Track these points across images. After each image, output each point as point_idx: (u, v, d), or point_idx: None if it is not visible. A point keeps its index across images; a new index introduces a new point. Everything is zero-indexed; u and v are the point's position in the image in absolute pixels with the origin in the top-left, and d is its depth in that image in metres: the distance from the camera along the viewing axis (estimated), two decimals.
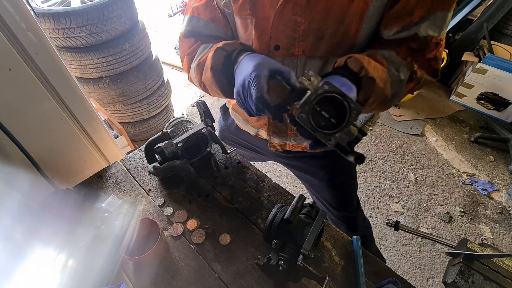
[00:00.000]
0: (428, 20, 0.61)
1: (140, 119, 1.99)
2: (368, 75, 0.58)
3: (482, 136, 2.34)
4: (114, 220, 0.72)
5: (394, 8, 0.62)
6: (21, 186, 0.77)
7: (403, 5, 0.60)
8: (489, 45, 2.43)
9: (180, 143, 0.80)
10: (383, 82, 0.61)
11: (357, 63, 0.59)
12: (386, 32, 0.66)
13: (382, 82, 0.61)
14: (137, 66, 1.78)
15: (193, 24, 0.76)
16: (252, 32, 0.70)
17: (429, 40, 0.63)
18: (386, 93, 0.63)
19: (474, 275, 0.68)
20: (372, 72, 0.59)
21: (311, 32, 0.65)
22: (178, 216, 0.78)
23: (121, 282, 0.63)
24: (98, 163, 1.09)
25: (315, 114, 0.50)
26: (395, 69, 0.63)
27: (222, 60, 0.65)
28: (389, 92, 0.63)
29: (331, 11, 0.61)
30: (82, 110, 0.96)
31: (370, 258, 0.70)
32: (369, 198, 2.01)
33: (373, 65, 0.60)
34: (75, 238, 0.70)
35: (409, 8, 0.61)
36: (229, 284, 0.66)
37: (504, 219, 1.89)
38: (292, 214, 0.61)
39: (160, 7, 4.17)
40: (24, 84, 0.80)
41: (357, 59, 0.59)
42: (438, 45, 0.64)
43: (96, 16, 1.46)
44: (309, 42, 0.67)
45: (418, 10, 0.61)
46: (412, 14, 0.61)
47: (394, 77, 0.63)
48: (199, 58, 0.72)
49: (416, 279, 1.62)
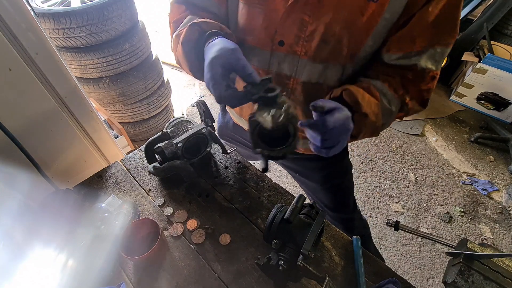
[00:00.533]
0: (428, 53, 0.63)
1: (140, 119, 1.98)
2: (361, 111, 0.60)
3: (482, 136, 2.34)
4: (114, 220, 0.72)
5: (398, 32, 0.62)
6: (21, 186, 0.77)
7: (408, 31, 0.61)
8: (489, 45, 2.43)
9: (180, 143, 0.80)
10: (375, 116, 0.63)
11: (352, 97, 0.61)
12: (387, 56, 0.66)
13: (374, 116, 0.63)
14: (137, 66, 1.78)
15: None
16: (260, 22, 0.68)
17: (427, 72, 0.64)
18: (377, 125, 0.66)
19: (474, 275, 0.68)
20: (366, 108, 0.61)
21: (317, 34, 0.65)
22: (178, 216, 0.78)
23: (121, 282, 0.63)
24: (98, 163, 1.09)
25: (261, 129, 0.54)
26: (387, 102, 0.66)
27: (195, 37, 0.62)
28: (379, 124, 0.66)
29: (340, 17, 0.61)
30: (82, 110, 0.96)
31: (370, 258, 0.70)
32: (369, 198, 2.01)
33: (367, 100, 0.62)
34: (75, 238, 0.70)
35: (412, 36, 0.61)
36: (229, 284, 0.66)
37: (504, 219, 1.89)
38: (292, 214, 0.61)
39: (160, 7, 4.17)
40: (24, 84, 0.80)
41: (352, 93, 0.61)
42: (434, 79, 0.66)
43: (96, 16, 1.46)
44: (313, 44, 0.66)
45: (420, 40, 0.61)
46: (414, 43, 0.62)
47: (386, 110, 0.66)
48: (180, 29, 0.68)
49: (416, 279, 1.62)
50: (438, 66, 0.65)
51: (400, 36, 0.62)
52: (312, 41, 0.66)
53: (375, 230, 1.84)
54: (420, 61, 0.63)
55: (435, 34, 0.61)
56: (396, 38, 0.63)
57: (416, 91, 0.67)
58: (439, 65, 0.65)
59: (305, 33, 0.65)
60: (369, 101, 0.62)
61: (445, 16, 0.59)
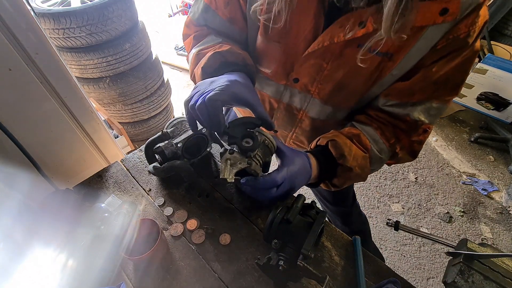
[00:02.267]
0: (423, 105, 0.62)
1: (140, 119, 1.99)
2: (346, 165, 0.61)
3: (482, 136, 2.34)
4: (114, 220, 0.72)
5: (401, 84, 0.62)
6: (21, 186, 0.77)
7: (409, 85, 0.61)
8: (489, 45, 2.43)
9: (180, 143, 0.80)
10: (360, 168, 0.63)
11: (338, 150, 0.62)
12: (383, 100, 0.66)
13: (360, 169, 0.63)
14: (137, 66, 1.78)
15: (207, 18, 0.71)
16: (277, 57, 0.68)
17: (419, 124, 0.64)
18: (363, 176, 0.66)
19: (474, 275, 0.68)
20: (351, 162, 0.61)
21: (332, 81, 0.65)
22: (178, 216, 0.78)
23: (121, 282, 0.63)
24: (98, 163, 1.09)
25: None
26: (378, 150, 0.66)
27: (216, 66, 0.64)
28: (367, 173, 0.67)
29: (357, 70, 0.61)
30: (82, 110, 0.96)
31: (370, 258, 0.70)
32: (369, 198, 2.01)
33: (354, 153, 0.62)
34: (75, 238, 0.70)
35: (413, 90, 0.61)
36: (229, 284, 0.66)
37: (504, 219, 1.89)
38: (292, 214, 0.61)
39: (160, 7, 4.17)
40: (24, 84, 0.80)
41: (339, 146, 0.62)
42: (426, 132, 0.67)
43: (96, 16, 1.46)
44: (327, 88, 0.67)
45: (419, 94, 0.61)
46: (413, 96, 0.62)
47: (376, 158, 0.66)
48: (202, 47, 0.69)
49: (416, 279, 1.62)
50: (432, 120, 0.65)
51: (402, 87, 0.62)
52: (326, 85, 0.67)
53: (375, 230, 1.84)
54: (413, 112, 0.63)
55: (435, 90, 0.60)
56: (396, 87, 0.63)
57: (407, 142, 0.67)
58: (434, 119, 0.65)
59: (321, 77, 0.66)
60: (355, 154, 0.62)
61: (449, 78, 0.58)
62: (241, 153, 0.59)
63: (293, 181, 0.59)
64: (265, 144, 0.61)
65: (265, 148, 0.62)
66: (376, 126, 0.67)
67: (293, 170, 0.58)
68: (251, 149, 0.59)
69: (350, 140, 0.64)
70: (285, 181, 0.58)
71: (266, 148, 0.62)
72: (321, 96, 0.69)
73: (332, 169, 0.64)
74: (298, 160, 0.60)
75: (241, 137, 0.59)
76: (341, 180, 0.63)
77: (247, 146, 0.58)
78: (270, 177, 0.57)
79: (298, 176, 0.59)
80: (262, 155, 0.62)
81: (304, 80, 0.68)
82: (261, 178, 0.58)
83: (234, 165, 0.60)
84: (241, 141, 0.59)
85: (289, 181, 0.58)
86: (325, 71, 0.64)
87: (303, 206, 0.67)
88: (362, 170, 0.64)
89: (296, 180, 0.59)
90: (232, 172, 0.59)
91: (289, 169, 0.58)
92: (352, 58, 0.58)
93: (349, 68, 0.62)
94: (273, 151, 0.63)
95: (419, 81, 0.59)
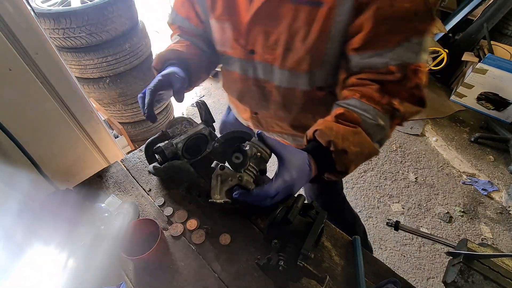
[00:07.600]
0: (402, 47, 0.58)
1: (140, 119, 1.98)
2: (338, 148, 0.57)
3: (482, 136, 2.34)
4: (114, 220, 0.72)
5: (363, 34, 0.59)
6: (21, 186, 0.77)
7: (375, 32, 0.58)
8: (489, 45, 2.43)
9: (180, 143, 0.80)
10: (357, 145, 0.59)
11: (324, 137, 0.58)
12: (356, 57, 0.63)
13: (357, 146, 0.59)
14: (137, 66, 1.78)
15: (174, 18, 0.86)
16: (230, 34, 0.75)
17: (405, 67, 0.59)
18: (366, 151, 0.61)
19: (474, 275, 0.68)
20: (342, 143, 0.57)
21: (280, 43, 0.69)
22: (178, 216, 0.78)
23: (121, 282, 0.63)
24: (98, 163, 1.09)
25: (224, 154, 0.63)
26: (372, 118, 0.61)
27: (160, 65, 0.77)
28: (371, 147, 0.61)
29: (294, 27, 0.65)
30: (82, 110, 0.96)
31: (370, 258, 0.70)
32: (369, 198, 2.01)
33: (342, 134, 0.58)
34: (75, 238, 0.70)
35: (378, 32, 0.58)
36: (229, 284, 0.66)
37: (504, 219, 1.89)
38: (292, 214, 0.61)
39: (160, 7, 4.17)
40: (24, 84, 0.80)
41: (324, 133, 0.58)
42: (417, 72, 0.60)
43: (96, 16, 1.46)
44: (278, 52, 0.70)
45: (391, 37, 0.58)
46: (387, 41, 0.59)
47: (372, 127, 0.61)
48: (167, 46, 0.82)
49: (416, 279, 1.62)
50: (417, 57, 0.59)
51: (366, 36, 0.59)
52: (277, 49, 0.70)
53: (375, 230, 1.84)
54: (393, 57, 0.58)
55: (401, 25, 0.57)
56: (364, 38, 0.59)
57: (404, 92, 0.61)
58: (419, 56, 0.59)
59: (269, 43, 0.70)
60: (344, 134, 0.58)
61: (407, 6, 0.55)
62: (232, 168, 0.61)
63: (290, 189, 0.57)
64: (257, 155, 0.61)
65: (258, 158, 0.62)
66: (360, 95, 0.62)
67: (290, 178, 0.56)
68: (241, 166, 0.60)
69: (335, 123, 0.60)
70: (280, 192, 0.56)
71: (260, 158, 0.62)
72: (278, 63, 0.72)
73: (329, 159, 0.60)
74: (296, 163, 0.58)
75: (231, 152, 0.60)
76: (341, 165, 0.59)
77: (237, 162, 0.60)
78: (263, 190, 0.56)
79: (296, 183, 0.57)
80: (255, 165, 0.62)
81: (258, 49, 0.73)
82: (254, 192, 0.57)
83: (225, 181, 0.61)
84: (231, 157, 0.59)
85: (285, 190, 0.56)
86: (271, 35, 0.68)
87: (303, 206, 0.68)
88: (360, 146, 0.59)
89: (294, 188, 0.57)
90: (222, 191, 0.60)
91: (285, 179, 0.56)
92: (287, 16, 0.63)
93: (288, 27, 0.65)
94: (267, 159, 0.63)
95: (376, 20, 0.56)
